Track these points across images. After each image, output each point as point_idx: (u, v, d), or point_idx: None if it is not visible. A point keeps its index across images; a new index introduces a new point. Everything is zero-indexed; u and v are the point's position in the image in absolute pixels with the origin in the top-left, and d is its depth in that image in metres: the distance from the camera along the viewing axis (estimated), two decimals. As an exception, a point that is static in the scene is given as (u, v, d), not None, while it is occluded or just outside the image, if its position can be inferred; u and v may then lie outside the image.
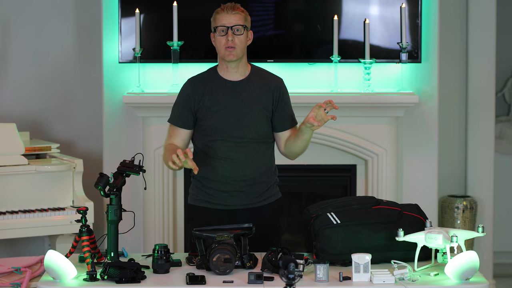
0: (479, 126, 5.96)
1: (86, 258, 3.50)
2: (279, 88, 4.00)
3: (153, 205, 5.49)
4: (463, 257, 3.42)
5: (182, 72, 5.33)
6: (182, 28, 5.36)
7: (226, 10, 3.92)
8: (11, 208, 5.01)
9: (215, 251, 3.51)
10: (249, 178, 3.93)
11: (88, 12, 5.85)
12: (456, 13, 5.93)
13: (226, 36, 3.89)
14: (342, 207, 3.80)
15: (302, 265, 3.40)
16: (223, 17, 3.91)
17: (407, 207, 3.85)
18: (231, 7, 3.94)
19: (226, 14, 3.91)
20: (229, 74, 3.97)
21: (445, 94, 5.86)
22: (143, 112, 5.46)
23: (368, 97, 5.40)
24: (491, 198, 5.98)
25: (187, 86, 4.02)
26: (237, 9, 3.93)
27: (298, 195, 5.78)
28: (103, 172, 3.75)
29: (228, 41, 3.89)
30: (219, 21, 3.91)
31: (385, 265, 3.56)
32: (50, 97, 5.92)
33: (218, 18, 3.93)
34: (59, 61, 5.91)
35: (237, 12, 3.92)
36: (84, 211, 3.65)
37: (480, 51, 5.90)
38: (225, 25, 3.89)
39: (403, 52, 5.39)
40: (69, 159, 5.22)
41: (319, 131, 5.43)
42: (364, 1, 5.48)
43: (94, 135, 5.82)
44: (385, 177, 5.50)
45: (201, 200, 4.01)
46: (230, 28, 3.89)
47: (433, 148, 5.60)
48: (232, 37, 3.89)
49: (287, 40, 5.55)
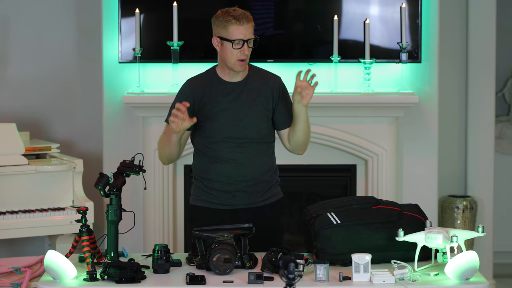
0: (479, 126, 5.96)
1: (86, 258, 3.50)
2: (278, 86, 3.98)
3: (153, 205, 5.49)
4: (463, 257, 3.42)
5: (182, 72, 5.33)
6: (182, 28, 5.36)
7: (241, 21, 3.81)
8: (11, 208, 5.01)
9: (215, 251, 3.51)
10: (251, 178, 3.93)
11: (88, 12, 5.85)
12: (456, 13, 5.93)
13: (242, 50, 3.83)
14: (342, 207, 3.80)
15: (302, 265, 3.40)
16: (239, 29, 3.82)
17: (407, 207, 3.85)
18: (245, 18, 3.83)
19: (242, 26, 3.81)
20: (229, 75, 3.96)
21: (445, 94, 5.86)
22: (143, 112, 5.46)
23: (368, 97, 5.40)
24: (491, 198, 5.98)
25: (186, 87, 4.00)
26: (251, 20, 3.84)
27: (298, 195, 5.78)
28: (103, 172, 3.75)
29: (244, 55, 3.84)
30: (235, 33, 3.81)
31: (385, 265, 3.56)
32: (50, 97, 5.92)
33: (232, 29, 3.82)
34: (59, 61, 5.91)
35: (252, 24, 3.85)
36: (84, 211, 3.65)
37: (480, 51, 5.90)
38: (242, 39, 3.82)
39: (403, 52, 5.39)
40: (69, 159, 5.22)
41: (319, 131, 5.44)
42: (364, 1, 5.48)
43: (94, 135, 5.82)
44: (385, 177, 5.50)
45: (203, 201, 4.01)
46: (246, 41, 3.84)
47: (433, 148, 5.60)
48: (248, 51, 3.85)
49: (287, 40, 5.55)
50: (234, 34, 3.83)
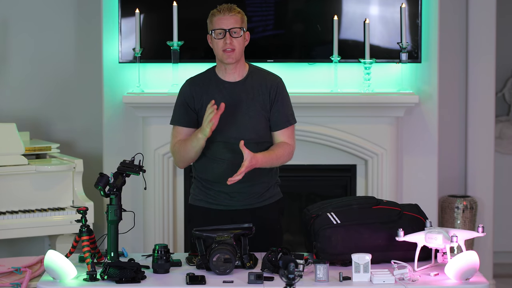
0: (479, 126, 5.96)
1: (86, 258, 3.50)
2: (275, 87, 3.97)
3: (153, 205, 5.49)
4: (463, 257, 3.42)
5: (182, 72, 5.33)
6: (182, 28, 5.36)
7: (223, 12, 3.88)
8: (11, 208, 5.01)
9: (215, 251, 3.51)
10: (248, 179, 3.90)
11: (88, 12, 5.85)
12: (456, 13, 5.93)
13: (224, 39, 3.87)
14: (342, 207, 3.80)
15: (302, 265, 3.41)
16: (220, 20, 3.88)
17: (407, 207, 3.85)
18: (227, 8, 3.90)
19: (223, 16, 3.88)
20: (227, 75, 3.96)
21: (445, 94, 5.86)
22: (143, 112, 5.46)
23: (368, 97, 5.40)
24: (491, 198, 5.98)
25: (186, 87, 4.01)
26: (234, 11, 3.90)
27: (298, 195, 5.78)
28: (103, 172, 3.75)
29: (226, 44, 3.87)
30: (217, 23, 3.88)
31: (385, 265, 3.56)
32: (50, 97, 5.92)
33: (215, 20, 3.89)
34: (59, 61, 5.91)
35: (234, 14, 3.89)
36: (84, 211, 3.65)
37: (480, 51, 5.90)
38: (222, 28, 3.87)
39: (403, 52, 5.39)
40: (69, 159, 5.22)
41: (319, 131, 5.45)
42: (364, 1, 5.48)
43: (94, 135, 5.82)
44: (385, 177, 5.50)
45: (201, 200, 4.01)
46: (227, 31, 3.87)
47: (433, 148, 5.61)
48: (230, 40, 3.87)
49: (287, 40, 5.55)
50: (215, 24, 3.88)
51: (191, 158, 3.93)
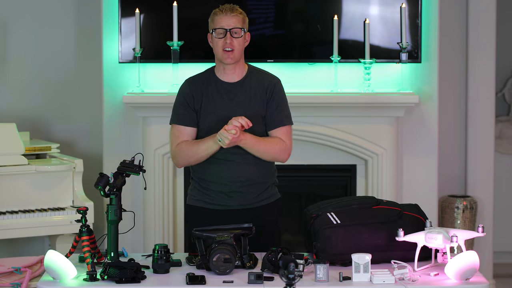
0: (479, 126, 5.96)
1: (86, 258, 3.50)
2: (272, 87, 3.96)
3: (153, 205, 5.49)
4: (463, 257, 3.42)
5: (182, 72, 5.33)
6: (182, 28, 5.36)
7: (224, 11, 3.89)
8: (11, 208, 5.01)
9: (215, 251, 3.51)
10: (246, 179, 3.91)
11: (88, 12, 5.85)
12: (456, 13, 5.93)
13: (225, 39, 3.87)
14: (342, 207, 3.80)
15: (302, 265, 3.41)
16: (222, 19, 3.88)
17: (407, 207, 3.85)
18: (229, 9, 3.91)
19: (225, 16, 3.89)
20: (226, 75, 3.96)
21: (445, 94, 5.86)
22: (143, 112, 5.46)
23: (368, 97, 5.40)
24: (491, 198, 5.98)
25: (186, 87, 4.01)
26: (236, 11, 3.91)
27: (298, 195, 5.78)
28: (103, 172, 3.75)
29: (226, 43, 3.87)
30: (218, 23, 3.89)
31: (385, 265, 3.56)
32: (50, 97, 5.92)
33: (216, 19, 3.90)
34: (59, 61, 5.91)
35: (236, 14, 3.90)
36: (84, 211, 3.65)
37: (480, 51, 5.90)
38: (223, 28, 3.88)
39: (403, 52, 5.39)
40: (69, 159, 5.22)
41: (319, 131, 5.45)
42: (364, 1, 5.48)
43: (94, 135, 5.82)
44: (385, 177, 5.50)
45: (199, 200, 4.01)
46: (228, 30, 3.88)
47: (433, 148, 5.61)
48: (230, 40, 3.87)
49: (287, 40, 5.55)
50: (217, 24, 3.89)
51: (198, 160, 3.92)
